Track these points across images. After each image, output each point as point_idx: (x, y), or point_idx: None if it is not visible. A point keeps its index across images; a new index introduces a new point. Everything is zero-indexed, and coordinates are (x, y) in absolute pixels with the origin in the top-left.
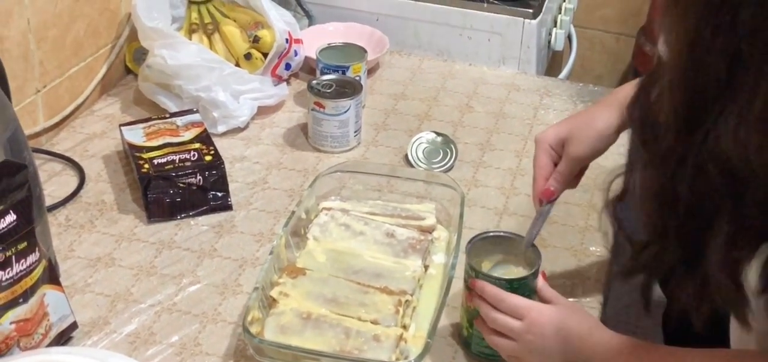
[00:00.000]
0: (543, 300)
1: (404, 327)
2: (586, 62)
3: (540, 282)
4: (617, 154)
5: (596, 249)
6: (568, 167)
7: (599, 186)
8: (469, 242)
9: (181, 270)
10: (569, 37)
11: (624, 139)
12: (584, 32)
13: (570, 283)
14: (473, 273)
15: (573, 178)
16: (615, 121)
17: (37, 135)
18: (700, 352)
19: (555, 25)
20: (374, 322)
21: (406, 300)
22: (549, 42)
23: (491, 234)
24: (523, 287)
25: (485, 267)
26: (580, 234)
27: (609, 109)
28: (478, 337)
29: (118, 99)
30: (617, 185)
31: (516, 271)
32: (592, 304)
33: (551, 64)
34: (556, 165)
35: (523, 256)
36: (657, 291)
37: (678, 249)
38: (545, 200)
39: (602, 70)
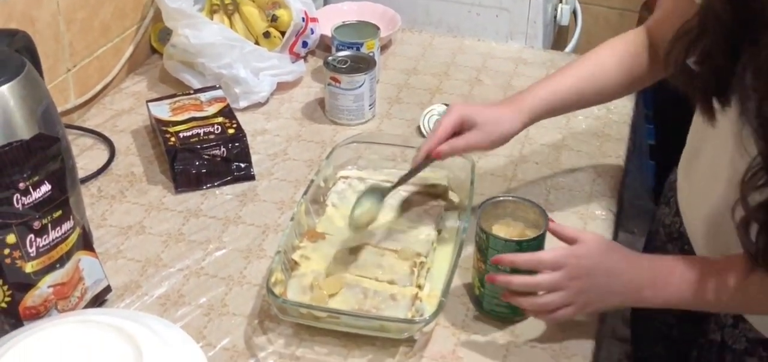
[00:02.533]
0: (566, 239)
1: (419, 286)
2: (591, 37)
3: (554, 226)
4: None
5: (601, 212)
6: (463, 148)
7: (603, 154)
8: (480, 207)
9: (208, 237)
10: (574, 13)
11: None
12: (589, 8)
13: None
14: (484, 236)
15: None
16: (518, 126)
17: (69, 112)
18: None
19: (560, 1)
20: (391, 282)
21: (421, 262)
22: (555, 17)
23: (500, 198)
24: (531, 248)
25: (495, 230)
26: (587, 198)
27: (516, 114)
28: (489, 296)
29: (145, 77)
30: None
31: (525, 234)
32: None
33: (557, 38)
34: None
35: (532, 219)
36: None
37: None
38: (432, 159)
39: None
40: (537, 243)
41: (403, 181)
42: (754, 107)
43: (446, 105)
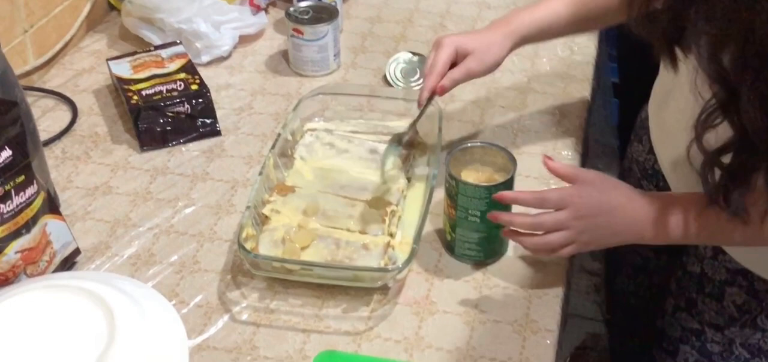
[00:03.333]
0: (564, 177)
1: (391, 235)
2: None
3: (552, 164)
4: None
5: (568, 152)
6: (463, 77)
7: (568, 95)
8: (448, 153)
9: (176, 194)
10: None
11: None
12: None
13: (545, 186)
14: (453, 182)
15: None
16: (506, 51)
17: (29, 73)
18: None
19: None
20: (362, 232)
21: (392, 211)
22: None
23: (468, 145)
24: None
25: (464, 176)
26: (553, 139)
27: (504, 38)
28: (461, 241)
29: (104, 35)
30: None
31: (494, 178)
32: None
33: None
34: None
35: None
36: None
37: None
38: (437, 94)
39: None
40: (506, 187)
41: (414, 123)
42: (706, 52)
43: (412, 53)
